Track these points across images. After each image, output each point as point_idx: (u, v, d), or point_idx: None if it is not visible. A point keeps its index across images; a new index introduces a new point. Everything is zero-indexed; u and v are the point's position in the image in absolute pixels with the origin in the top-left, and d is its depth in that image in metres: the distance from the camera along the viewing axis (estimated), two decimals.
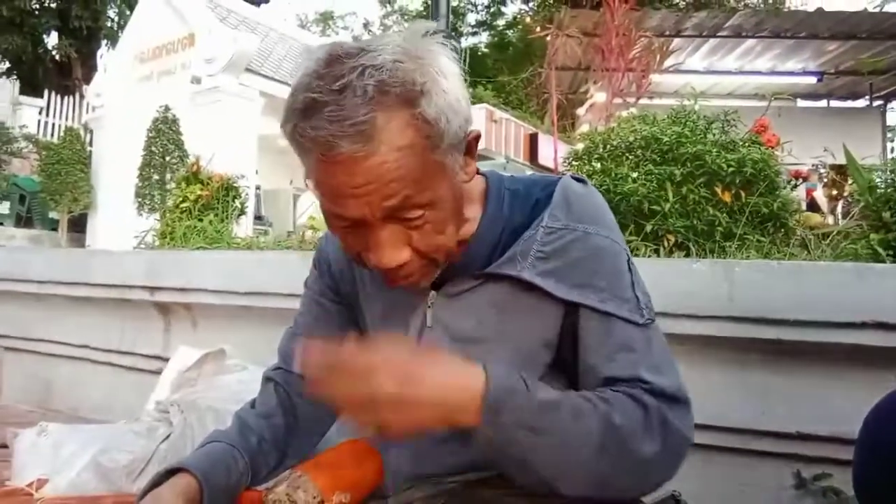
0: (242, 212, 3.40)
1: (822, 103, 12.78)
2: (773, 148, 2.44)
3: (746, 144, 2.32)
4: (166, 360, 2.16)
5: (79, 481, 1.50)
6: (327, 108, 0.65)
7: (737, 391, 1.46)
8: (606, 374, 0.77)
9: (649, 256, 1.91)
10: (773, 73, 11.26)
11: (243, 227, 4.17)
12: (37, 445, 1.73)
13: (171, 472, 0.78)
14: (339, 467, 0.81)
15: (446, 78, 0.70)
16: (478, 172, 0.87)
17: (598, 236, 0.79)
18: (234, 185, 3.40)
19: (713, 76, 11.40)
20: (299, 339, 0.97)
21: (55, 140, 9.63)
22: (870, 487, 0.83)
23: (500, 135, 11.55)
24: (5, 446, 2.06)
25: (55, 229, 8.91)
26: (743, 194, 2.13)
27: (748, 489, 1.48)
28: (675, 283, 1.45)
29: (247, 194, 3.60)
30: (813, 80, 11.43)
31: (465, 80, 0.75)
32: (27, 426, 1.85)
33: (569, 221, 0.79)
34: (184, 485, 0.76)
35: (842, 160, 2.24)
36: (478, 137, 0.78)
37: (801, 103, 12.45)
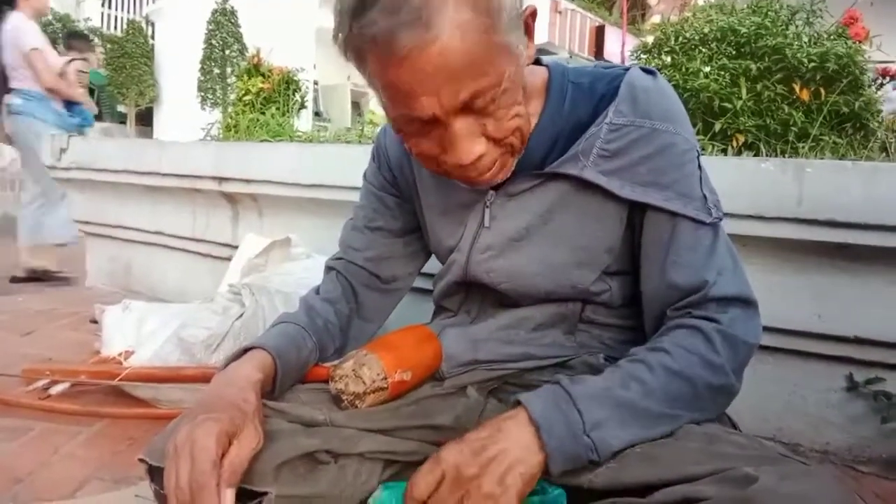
0: (303, 105, 3.40)
1: None
2: (860, 42, 2.25)
3: (832, 38, 2.14)
4: (235, 247, 2.27)
5: (162, 353, 1.61)
6: (378, 2, 0.61)
7: (794, 293, 1.44)
8: (669, 278, 0.77)
9: (716, 156, 1.84)
10: None
11: (304, 122, 4.19)
12: (122, 320, 1.88)
13: (246, 350, 0.82)
14: (401, 348, 0.85)
15: None
16: (540, 63, 0.83)
17: (665, 132, 0.76)
18: (295, 78, 3.39)
19: None
20: (359, 230, 0.99)
21: (119, 33, 9.72)
22: None
23: (564, 27, 10.98)
24: (95, 321, 2.26)
25: (123, 122, 9.17)
26: (823, 92, 2.00)
27: (798, 389, 1.50)
28: (741, 182, 1.41)
29: (307, 88, 3.59)
30: None
31: None
32: (112, 305, 2.01)
33: (635, 117, 0.76)
34: (260, 359, 0.79)
35: None
36: (534, 14, 0.73)
37: None
